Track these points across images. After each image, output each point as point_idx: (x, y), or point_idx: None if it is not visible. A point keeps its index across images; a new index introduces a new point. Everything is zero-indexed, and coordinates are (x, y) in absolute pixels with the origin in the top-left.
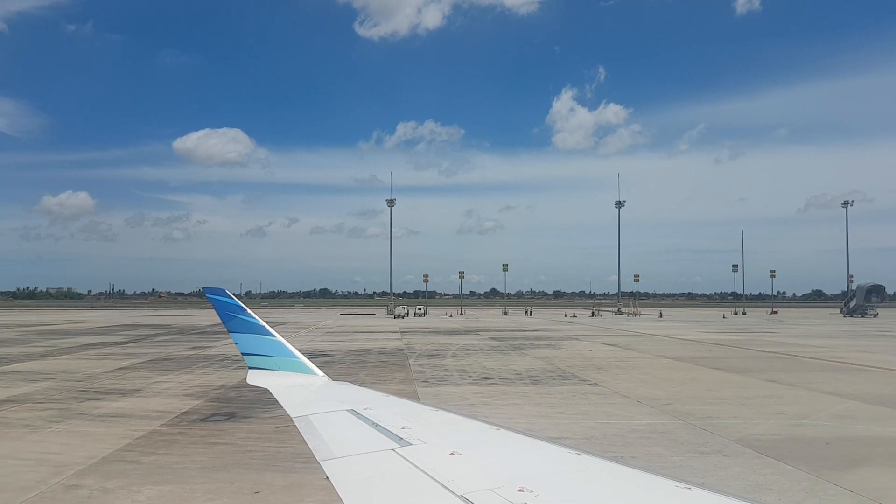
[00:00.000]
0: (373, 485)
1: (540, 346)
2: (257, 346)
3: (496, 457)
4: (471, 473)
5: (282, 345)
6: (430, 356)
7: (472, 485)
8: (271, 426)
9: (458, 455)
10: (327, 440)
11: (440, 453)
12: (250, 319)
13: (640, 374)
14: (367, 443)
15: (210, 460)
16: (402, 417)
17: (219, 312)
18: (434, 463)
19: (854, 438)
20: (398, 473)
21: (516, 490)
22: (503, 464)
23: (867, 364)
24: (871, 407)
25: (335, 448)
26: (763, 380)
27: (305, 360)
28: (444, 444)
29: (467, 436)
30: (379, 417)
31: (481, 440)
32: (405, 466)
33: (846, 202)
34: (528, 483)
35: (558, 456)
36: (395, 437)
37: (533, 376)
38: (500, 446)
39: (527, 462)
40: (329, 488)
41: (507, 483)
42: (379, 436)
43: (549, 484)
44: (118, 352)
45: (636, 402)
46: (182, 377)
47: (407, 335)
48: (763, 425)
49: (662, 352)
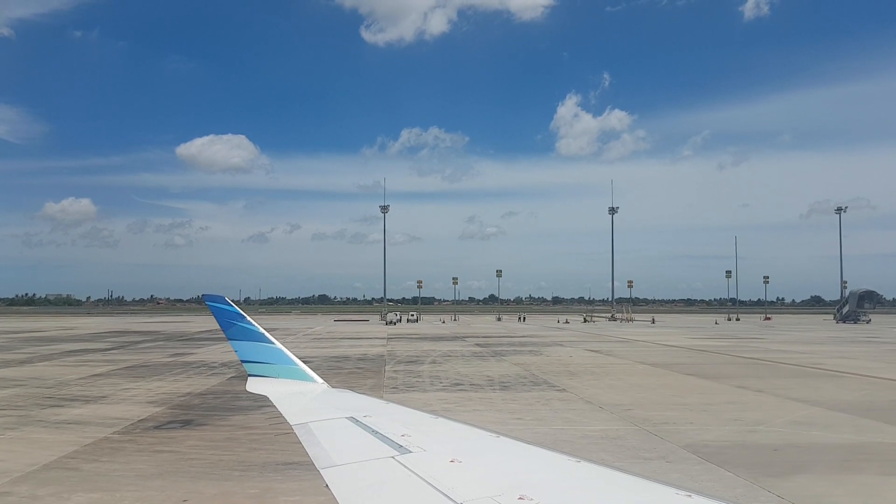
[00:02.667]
0: (373, 492)
1: (522, 352)
2: (257, 354)
3: (496, 464)
4: (471, 481)
5: (281, 352)
6: (409, 362)
7: (472, 493)
8: (223, 434)
9: (458, 463)
10: (327, 448)
11: (440, 461)
12: (250, 327)
13: (611, 381)
14: (367, 450)
15: (150, 468)
16: (401, 425)
17: (218, 320)
18: (434, 471)
19: (804, 445)
20: (398, 481)
21: (516, 498)
22: (503, 471)
23: (843, 370)
24: (832, 413)
25: (335, 456)
26: (733, 386)
27: (305, 368)
28: (444, 451)
29: (467, 443)
30: (379, 425)
31: (481, 448)
32: (405, 474)
33: (839, 208)
34: (528, 491)
35: (558, 463)
36: (394, 444)
37: (504, 382)
38: (500, 454)
39: (527, 470)
40: (258, 496)
41: (507, 491)
42: (379, 443)
43: (549, 492)
44: (98, 359)
45: (598, 408)
46: (152, 384)
47: (393, 341)
48: (716, 431)
49: (642, 358)
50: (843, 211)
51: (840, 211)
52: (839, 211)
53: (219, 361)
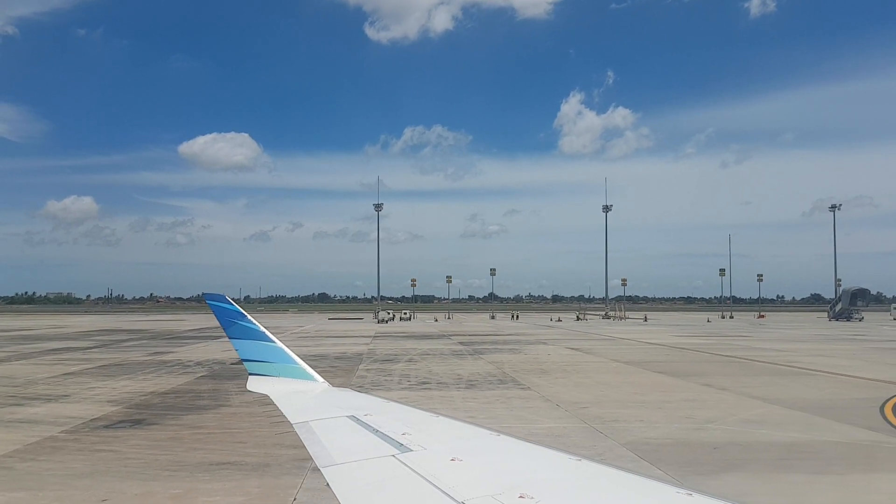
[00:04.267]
0: (373, 491)
1: (503, 350)
2: (257, 353)
3: (497, 463)
4: (471, 480)
5: (282, 351)
6: (385, 361)
7: (472, 491)
8: (168, 434)
9: (458, 461)
10: (327, 446)
11: (441, 460)
12: (250, 325)
13: (579, 378)
14: (368, 449)
15: (83, 468)
16: (402, 424)
17: (219, 318)
18: (435, 469)
19: (746, 443)
20: (399, 480)
21: (517, 496)
22: (504, 470)
23: (817, 368)
24: (788, 412)
25: (335, 454)
26: (698, 384)
27: (306, 367)
28: (445, 450)
29: (468, 442)
30: (379, 424)
31: (482, 447)
32: (406, 473)
33: (833, 206)
34: (528, 489)
35: (559, 462)
36: (395, 443)
37: (472, 381)
38: (501, 453)
39: (527, 468)
40: (179, 496)
41: (507, 489)
42: (379, 442)
43: (550, 490)
44: (76, 357)
45: (555, 406)
46: (119, 383)
47: (378, 340)
48: (664, 429)
49: (619, 356)
50: (837, 209)
51: (835, 209)
52: (833, 209)
53: (195, 360)
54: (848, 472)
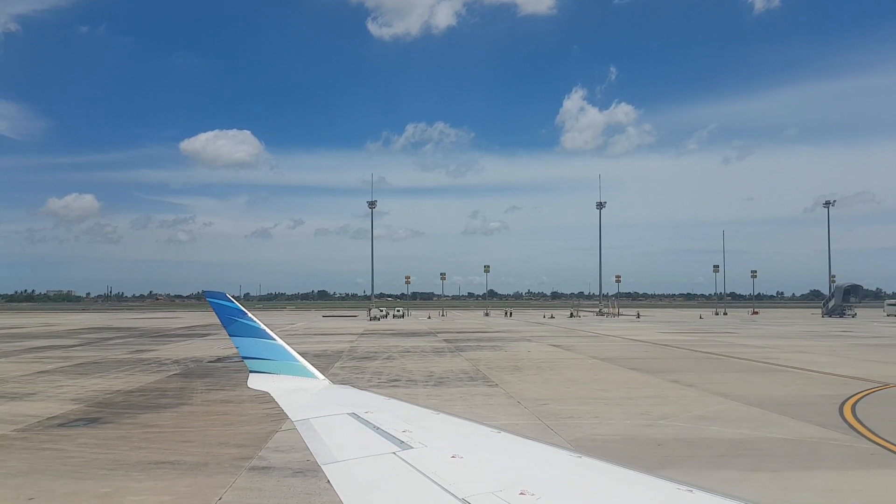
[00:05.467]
0: (374, 488)
1: (484, 347)
2: (258, 350)
3: (497, 460)
4: (472, 477)
5: (283, 348)
6: (362, 359)
7: (473, 488)
8: (119, 433)
9: (459, 458)
10: (328, 444)
11: (441, 457)
12: (251, 323)
13: (550, 375)
14: (369, 446)
15: (22, 466)
16: (403, 421)
17: (219, 316)
18: (435, 466)
19: (693, 440)
20: (399, 477)
21: (518, 493)
22: (504, 467)
23: (792, 365)
24: (746, 408)
25: (336, 451)
26: (667, 380)
27: (307, 364)
28: (446, 447)
29: (469, 439)
30: (380, 421)
31: (482, 443)
32: (406, 470)
33: (827, 202)
34: (529, 486)
35: (560, 459)
36: (396, 440)
37: (442, 378)
38: (502, 449)
39: (528, 465)
40: (106, 495)
41: (508, 486)
42: (380, 439)
43: (551, 487)
44: (56, 355)
45: (516, 402)
46: (91, 381)
47: (364, 337)
48: (616, 425)
49: (598, 353)
50: (832, 205)
51: (829, 205)
52: (828, 205)
53: (173, 358)
54: (784, 469)
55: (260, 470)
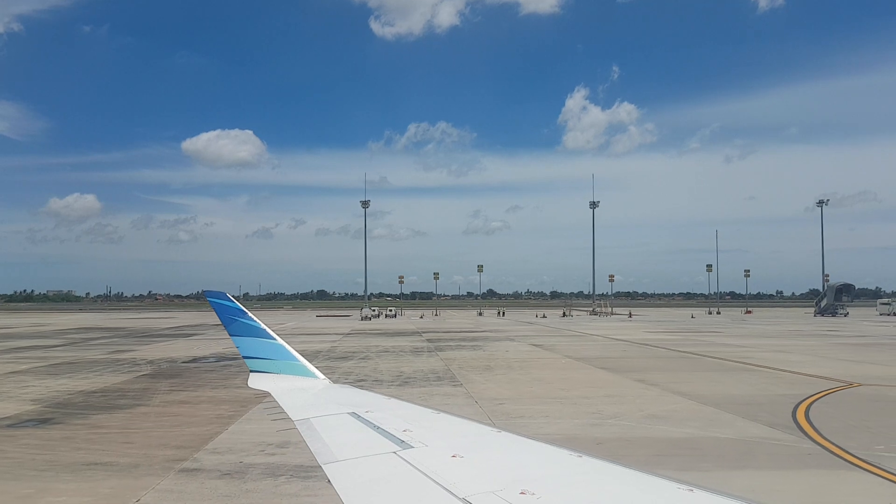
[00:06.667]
0: (374, 487)
1: (464, 347)
2: (258, 350)
3: (498, 459)
4: (472, 476)
5: (283, 348)
6: (338, 359)
7: (473, 487)
8: (64, 434)
9: (459, 458)
10: (328, 443)
11: (442, 456)
12: (251, 323)
13: (518, 375)
14: (369, 446)
15: None
16: (403, 420)
17: (220, 316)
18: (436, 466)
19: (634, 439)
20: (400, 476)
21: (518, 493)
22: (505, 466)
23: (764, 364)
24: (701, 407)
25: (336, 451)
26: (632, 380)
27: (307, 364)
28: (446, 446)
29: (469, 439)
30: (380, 420)
31: (483, 443)
32: (407, 469)
33: (820, 201)
34: (529, 486)
35: (560, 458)
36: (396, 439)
37: (409, 378)
38: (502, 449)
39: (528, 464)
40: (29, 496)
41: (508, 485)
42: (380, 438)
43: (551, 486)
44: (34, 355)
45: (474, 402)
46: (58, 381)
47: (349, 337)
48: (563, 424)
49: (575, 352)
50: (825, 204)
51: (822, 204)
52: (821, 204)
53: (148, 359)
54: (715, 468)
55: (189, 472)
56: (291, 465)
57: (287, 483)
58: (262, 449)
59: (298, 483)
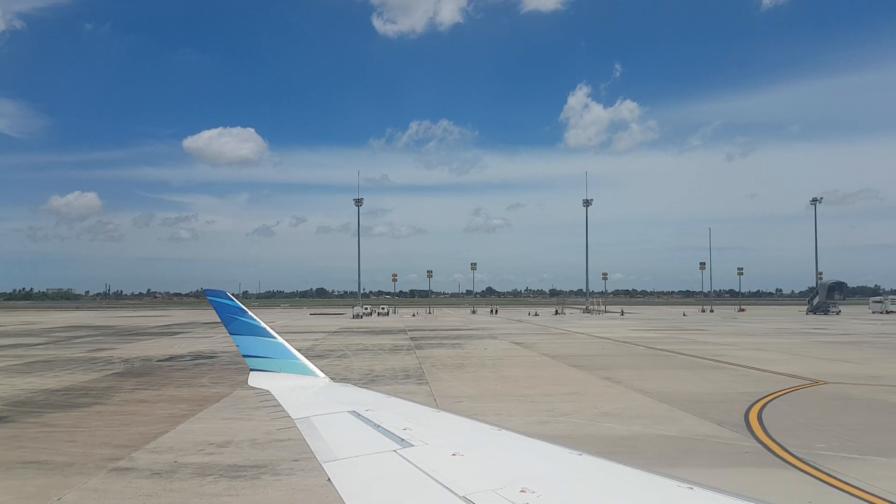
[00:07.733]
0: (374, 486)
1: (445, 345)
2: (258, 348)
3: (498, 458)
4: (472, 474)
5: (283, 347)
6: (315, 357)
7: (473, 486)
8: (12, 432)
9: (459, 456)
10: (329, 441)
11: (442, 454)
12: (251, 321)
13: (487, 373)
14: (369, 444)
15: None
16: (403, 419)
17: (220, 314)
18: (436, 464)
19: (578, 437)
20: (400, 474)
21: (518, 491)
22: (505, 465)
23: (737, 362)
24: (656, 404)
25: (336, 449)
26: (599, 377)
27: (307, 362)
28: (446, 445)
29: (469, 437)
30: (380, 419)
31: (483, 441)
32: (407, 467)
33: (814, 199)
34: (529, 484)
35: (560, 456)
36: (396, 438)
37: (378, 377)
38: (502, 447)
39: (528, 463)
40: None
41: (508, 484)
42: (380, 437)
43: (551, 484)
44: (13, 353)
45: (432, 400)
46: (26, 380)
47: (333, 336)
48: (513, 422)
49: (553, 350)
50: (818, 202)
51: (815, 202)
52: (815, 202)
53: (124, 357)
54: (648, 465)
55: (120, 471)
56: (224, 464)
57: (213, 483)
58: (201, 448)
59: (224, 483)
